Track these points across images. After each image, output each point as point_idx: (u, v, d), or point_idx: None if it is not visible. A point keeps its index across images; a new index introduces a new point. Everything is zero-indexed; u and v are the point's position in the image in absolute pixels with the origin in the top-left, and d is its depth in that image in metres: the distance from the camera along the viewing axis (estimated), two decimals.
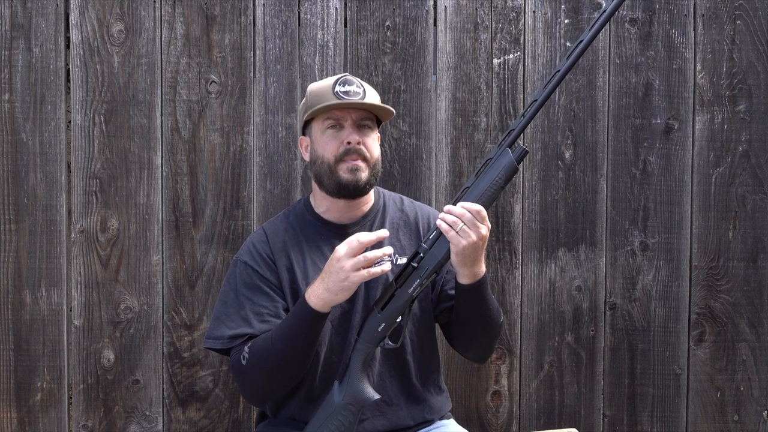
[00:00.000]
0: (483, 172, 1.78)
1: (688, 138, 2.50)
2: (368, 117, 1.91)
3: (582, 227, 2.48)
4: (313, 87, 1.95)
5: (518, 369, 2.48)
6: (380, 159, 1.94)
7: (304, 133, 1.98)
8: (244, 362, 1.80)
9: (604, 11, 1.78)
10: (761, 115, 2.51)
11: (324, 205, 1.95)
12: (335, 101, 1.86)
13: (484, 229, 1.74)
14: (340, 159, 1.87)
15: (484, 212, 1.74)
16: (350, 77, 1.91)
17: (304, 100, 1.97)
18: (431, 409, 1.98)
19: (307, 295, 1.77)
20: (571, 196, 2.48)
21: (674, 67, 2.49)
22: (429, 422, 1.98)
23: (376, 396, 1.80)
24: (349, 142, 1.86)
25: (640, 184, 2.49)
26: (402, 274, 1.80)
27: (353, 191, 1.88)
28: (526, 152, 1.78)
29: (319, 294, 1.75)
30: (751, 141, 2.51)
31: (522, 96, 2.45)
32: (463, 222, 1.72)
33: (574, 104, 2.47)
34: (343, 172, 1.86)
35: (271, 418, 1.99)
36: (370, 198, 1.98)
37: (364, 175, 1.87)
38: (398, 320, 1.80)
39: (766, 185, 2.52)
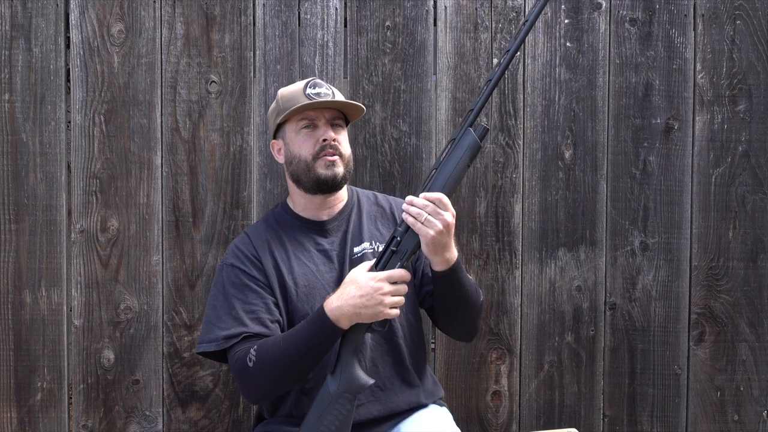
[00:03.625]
0: (448, 153, 1.81)
1: (688, 138, 2.50)
2: (339, 116, 2.00)
3: (582, 227, 2.48)
4: (283, 92, 2.01)
5: (518, 369, 2.48)
6: (351, 156, 2.01)
7: (275, 137, 2.05)
8: (250, 364, 1.81)
9: None
10: (761, 115, 2.51)
11: (301, 203, 2.01)
12: (309, 101, 1.93)
13: (449, 216, 1.76)
14: (317, 156, 1.94)
15: (446, 200, 1.76)
16: (319, 80, 1.99)
17: (274, 105, 2.03)
18: (425, 392, 2.02)
19: (327, 310, 1.78)
20: (571, 196, 2.48)
21: (674, 67, 2.49)
22: (423, 406, 2.01)
23: (371, 381, 1.81)
24: (324, 139, 1.94)
25: (640, 184, 2.49)
26: (382, 259, 1.82)
27: (331, 186, 1.95)
28: (487, 130, 1.83)
29: (346, 311, 1.76)
30: (751, 141, 2.51)
31: (522, 96, 2.45)
32: (426, 213, 1.75)
33: (574, 104, 2.47)
34: (321, 168, 1.94)
35: (269, 418, 2.00)
36: (344, 195, 2.06)
37: (340, 170, 1.95)
38: None
39: (766, 185, 2.52)
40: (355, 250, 1.99)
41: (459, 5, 2.44)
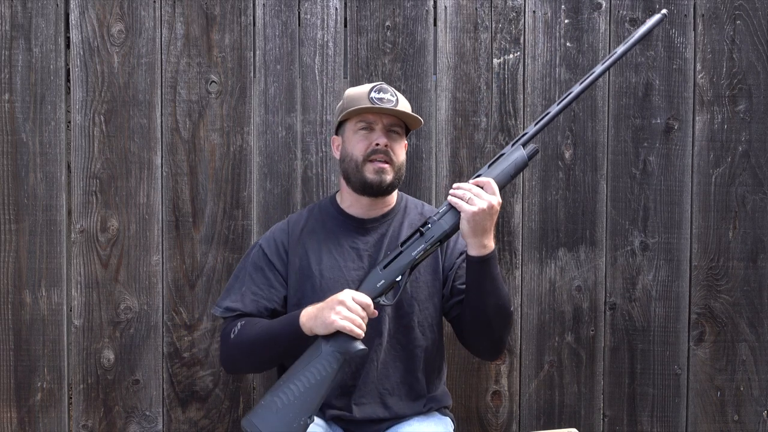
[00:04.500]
0: (496, 163, 1.88)
1: (688, 138, 2.50)
2: (398, 124, 2.02)
3: (582, 227, 2.48)
4: (350, 91, 2.06)
5: (518, 369, 2.48)
6: (404, 164, 2.04)
7: (336, 133, 2.09)
8: (232, 336, 1.93)
9: (631, 38, 1.92)
10: (761, 115, 2.51)
11: (348, 200, 2.05)
12: (368, 105, 1.96)
13: (495, 200, 1.82)
14: (368, 158, 1.97)
15: (494, 185, 1.83)
16: (386, 86, 2.01)
17: (341, 102, 2.07)
18: (430, 400, 2.03)
19: (303, 311, 1.85)
20: (571, 196, 2.48)
21: (674, 67, 2.49)
22: (426, 411, 2.02)
23: (362, 347, 1.80)
24: (377, 144, 1.97)
25: (640, 184, 2.49)
26: (410, 239, 1.88)
27: (377, 190, 1.98)
28: (537, 151, 1.91)
29: (309, 312, 1.84)
30: (751, 141, 2.51)
31: (522, 96, 2.45)
32: (472, 193, 1.81)
33: (574, 104, 2.47)
34: (369, 173, 1.97)
35: None
36: (393, 200, 2.08)
37: (388, 177, 1.98)
38: (397, 279, 1.86)
39: (766, 185, 2.52)
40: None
41: (459, 5, 2.44)
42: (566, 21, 2.46)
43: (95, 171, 2.35)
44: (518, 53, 2.45)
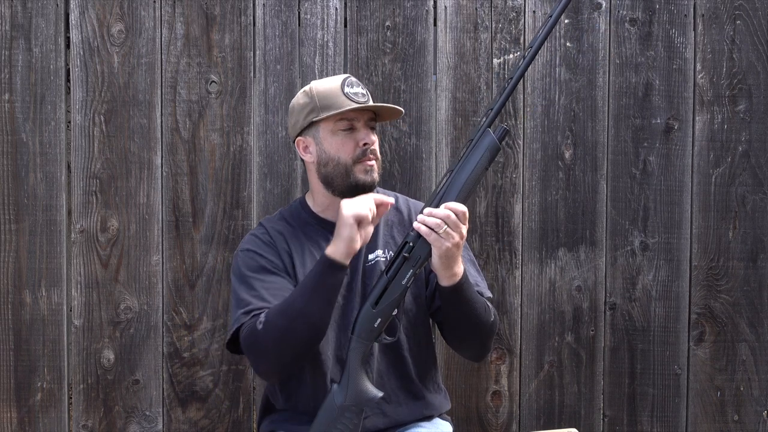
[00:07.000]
0: (466, 155, 1.78)
1: (688, 138, 2.50)
2: (373, 117, 1.94)
3: (582, 227, 2.48)
4: (319, 88, 1.92)
5: (518, 369, 2.48)
6: None
7: (300, 134, 1.95)
8: (259, 327, 1.75)
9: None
10: (761, 115, 2.51)
11: (323, 203, 1.96)
12: (355, 104, 1.86)
13: (465, 229, 1.73)
14: (357, 160, 1.88)
15: (467, 213, 1.73)
16: (353, 78, 1.93)
17: (307, 100, 1.93)
18: (430, 405, 1.99)
19: (327, 250, 1.77)
20: (571, 196, 2.48)
21: (674, 67, 2.49)
22: (427, 417, 1.98)
23: (380, 394, 1.77)
24: (365, 143, 1.88)
25: (640, 184, 2.49)
26: (393, 265, 1.78)
27: (367, 191, 1.89)
28: (507, 131, 1.79)
29: (338, 234, 1.76)
30: (751, 141, 2.51)
31: (522, 96, 2.45)
32: (447, 224, 1.71)
33: (574, 104, 2.47)
34: (360, 173, 1.88)
35: (275, 413, 1.98)
36: None
37: (377, 175, 1.91)
38: (393, 313, 1.78)
39: (766, 185, 2.52)
40: (369, 257, 1.93)
41: (459, 5, 2.44)
42: (566, 21, 2.46)
43: (95, 171, 2.35)
44: (518, 53, 2.45)
